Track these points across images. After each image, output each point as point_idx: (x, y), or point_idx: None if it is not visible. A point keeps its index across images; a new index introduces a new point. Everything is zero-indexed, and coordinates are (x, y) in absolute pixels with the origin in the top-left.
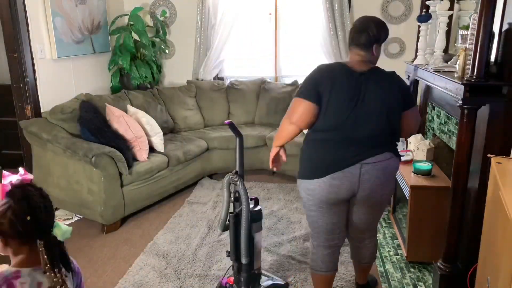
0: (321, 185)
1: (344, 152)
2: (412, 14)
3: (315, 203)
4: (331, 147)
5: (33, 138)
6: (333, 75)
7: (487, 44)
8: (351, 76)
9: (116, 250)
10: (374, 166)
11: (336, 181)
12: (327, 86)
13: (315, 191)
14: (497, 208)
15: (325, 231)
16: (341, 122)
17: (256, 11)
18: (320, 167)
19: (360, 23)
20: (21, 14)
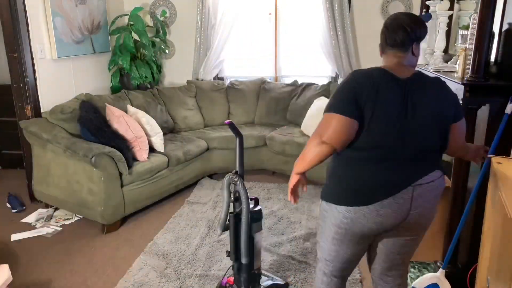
0: (366, 215)
1: (394, 174)
2: None
3: (347, 234)
4: (377, 168)
5: (33, 138)
6: (375, 83)
7: (487, 44)
8: (396, 83)
9: (116, 250)
10: (427, 188)
11: (384, 210)
12: (369, 97)
13: (355, 220)
14: (497, 208)
15: (343, 261)
16: (390, 138)
17: (256, 11)
18: (366, 192)
19: (393, 20)
20: (21, 14)
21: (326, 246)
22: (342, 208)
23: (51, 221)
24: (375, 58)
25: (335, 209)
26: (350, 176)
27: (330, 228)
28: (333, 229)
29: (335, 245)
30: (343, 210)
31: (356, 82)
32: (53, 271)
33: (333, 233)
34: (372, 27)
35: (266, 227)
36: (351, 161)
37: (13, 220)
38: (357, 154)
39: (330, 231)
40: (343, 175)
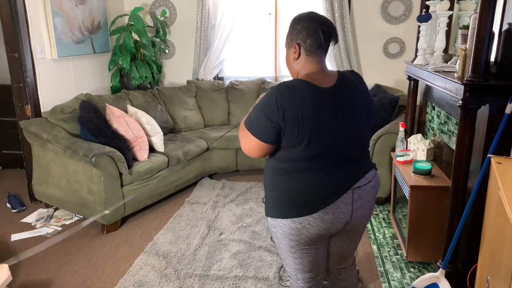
0: (311, 223)
1: (334, 181)
2: (412, 14)
3: (300, 243)
4: (316, 176)
5: (33, 138)
6: (301, 102)
7: (487, 44)
8: (323, 96)
9: (116, 250)
10: (365, 189)
11: (328, 215)
12: (300, 117)
13: (302, 231)
14: (497, 208)
15: (310, 269)
16: (326, 148)
17: (256, 11)
18: (308, 202)
19: (311, 21)
20: (21, 14)
21: (288, 261)
22: (288, 221)
23: (51, 221)
24: (375, 58)
25: (280, 223)
26: (290, 189)
27: (283, 242)
28: (285, 242)
29: (295, 257)
30: (289, 223)
31: (280, 105)
32: (53, 271)
33: (288, 246)
34: (372, 27)
35: (266, 227)
36: (289, 174)
37: (13, 220)
38: (294, 166)
39: (285, 245)
40: (282, 187)
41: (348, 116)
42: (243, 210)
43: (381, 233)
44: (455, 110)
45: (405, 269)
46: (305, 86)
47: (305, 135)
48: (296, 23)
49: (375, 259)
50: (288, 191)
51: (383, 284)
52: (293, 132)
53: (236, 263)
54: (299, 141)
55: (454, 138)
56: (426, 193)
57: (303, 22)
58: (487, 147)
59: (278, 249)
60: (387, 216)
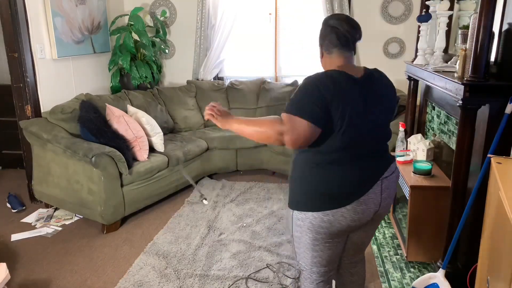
0: (344, 215)
1: (365, 171)
2: (412, 14)
3: (326, 236)
4: (348, 168)
5: (33, 138)
6: (339, 86)
7: (487, 44)
8: (355, 83)
9: (116, 250)
10: (391, 179)
11: (362, 206)
12: (340, 103)
13: (334, 223)
14: (497, 208)
15: (326, 263)
16: (357, 138)
17: (256, 11)
18: (342, 194)
19: (339, 21)
20: (21, 14)
21: (307, 254)
22: (319, 214)
23: (51, 221)
24: (375, 58)
25: (311, 216)
26: (323, 181)
27: (308, 235)
28: (311, 235)
29: (316, 251)
30: (321, 215)
31: (322, 87)
32: (53, 271)
33: (312, 240)
34: (372, 27)
35: (266, 227)
36: (322, 166)
37: (13, 220)
38: (326, 158)
39: (308, 238)
40: (314, 180)
41: (376, 107)
42: (243, 210)
43: (381, 233)
44: (455, 110)
45: (405, 269)
46: (340, 74)
47: (344, 120)
48: (321, 27)
49: (375, 259)
50: (322, 184)
51: (383, 284)
52: (334, 116)
53: (236, 263)
54: (337, 127)
55: (454, 138)
56: (426, 193)
57: (323, 25)
58: (487, 147)
59: (295, 243)
60: (387, 216)
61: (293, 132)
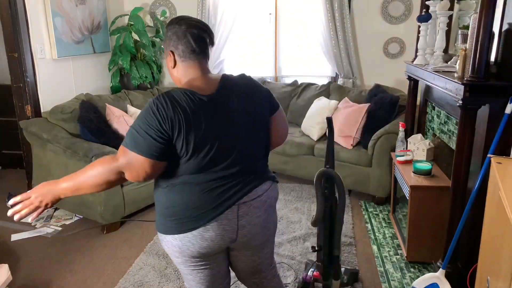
0: (191, 240)
1: (217, 195)
2: (412, 14)
3: (185, 260)
4: (200, 190)
5: (33, 138)
6: (184, 111)
7: (487, 44)
8: (205, 104)
9: (116, 250)
10: (252, 205)
11: (209, 233)
12: (182, 129)
13: (183, 247)
14: (497, 208)
15: (211, 285)
16: (211, 160)
17: (256, 11)
18: (189, 218)
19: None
20: (21, 14)
21: (184, 277)
22: (169, 237)
23: (51, 221)
24: (375, 58)
25: (164, 239)
26: (178, 203)
27: (171, 254)
28: (172, 255)
29: (186, 273)
30: (170, 239)
31: (160, 113)
32: (53, 271)
33: (176, 263)
34: (372, 27)
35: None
36: (170, 188)
37: (13, 220)
38: (175, 180)
39: (173, 258)
40: (171, 203)
41: (235, 124)
42: None
43: (381, 233)
44: (455, 110)
45: (405, 269)
46: (184, 96)
47: (189, 147)
48: (168, 29)
49: (375, 259)
50: (170, 206)
51: (383, 284)
52: (177, 144)
53: None
54: (182, 154)
55: (454, 138)
56: (426, 193)
57: (172, 27)
58: (487, 147)
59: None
60: (387, 216)
61: (131, 169)
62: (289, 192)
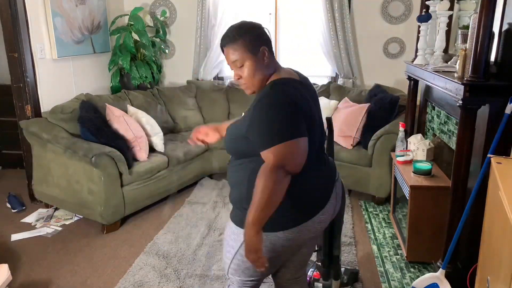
0: (309, 228)
1: (324, 177)
2: (412, 14)
3: (284, 252)
4: (314, 175)
5: (33, 138)
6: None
7: (487, 44)
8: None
9: (116, 250)
10: (337, 186)
11: (324, 215)
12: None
13: (298, 238)
14: (497, 208)
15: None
16: (318, 142)
17: (256, 11)
18: (308, 205)
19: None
20: (21, 14)
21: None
22: (282, 234)
23: (51, 221)
24: (375, 58)
25: (273, 236)
26: (294, 193)
27: (272, 252)
28: (274, 252)
29: (272, 263)
30: (283, 235)
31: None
32: (53, 271)
33: (273, 256)
34: (372, 27)
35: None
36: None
37: (13, 220)
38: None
39: (271, 255)
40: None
41: (318, 111)
42: None
43: (381, 233)
44: (455, 110)
45: (405, 269)
46: (296, 82)
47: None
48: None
49: (375, 259)
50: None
51: (383, 284)
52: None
53: None
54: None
55: (454, 138)
56: (426, 193)
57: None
58: (487, 147)
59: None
60: (387, 216)
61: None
62: None
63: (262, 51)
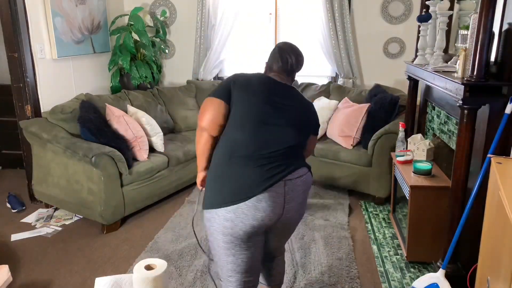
0: (245, 211)
1: (267, 168)
2: (412, 14)
3: (234, 238)
4: (251, 163)
5: (33, 138)
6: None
7: (487, 44)
8: (273, 83)
9: (116, 250)
10: (295, 183)
11: (262, 204)
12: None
13: (236, 220)
14: (497, 208)
15: (243, 270)
16: (259, 124)
17: (256, 11)
18: (242, 189)
19: (289, 47)
20: (21, 14)
21: (222, 260)
22: (222, 211)
23: (51, 221)
24: (375, 58)
25: (215, 214)
26: (225, 177)
27: (218, 238)
28: (220, 238)
29: (228, 256)
30: (223, 213)
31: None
32: (53, 271)
33: (222, 243)
34: (372, 27)
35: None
36: (224, 162)
37: (13, 220)
38: (232, 150)
39: (219, 242)
40: (219, 177)
41: (291, 111)
42: None
43: (381, 233)
44: (455, 110)
45: (405, 269)
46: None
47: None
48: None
49: (375, 259)
50: (224, 179)
51: (383, 284)
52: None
53: None
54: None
55: (454, 138)
56: (426, 193)
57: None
58: (487, 147)
59: (212, 249)
60: (387, 216)
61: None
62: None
63: (267, 63)
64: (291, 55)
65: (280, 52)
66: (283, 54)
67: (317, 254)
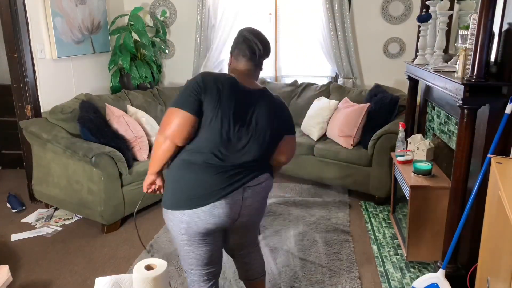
0: (200, 216)
1: (227, 176)
2: (412, 14)
3: (190, 236)
4: (212, 170)
5: (33, 138)
6: (221, 86)
7: (487, 44)
8: (242, 92)
9: (116, 250)
10: (255, 190)
11: (217, 210)
12: (213, 97)
13: (191, 223)
14: (497, 208)
15: (203, 263)
16: (226, 141)
17: (256, 11)
18: (200, 195)
19: (254, 34)
20: (21, 14)
21: (182, 255)
22: (177, 213)
23: (51, 221)
24: (375, 58)
25: (171, 215)
26: (189, 180)
27: (176, 236)
28: (178, 236)
29: (188, 252)
30: (179, 215)
31: (202, 81)
32: (53, 271)
33: (180, 241)
34: (372, 27)
35: (265, 225)
36: (190, 165)
37: (13, 220)
38: (195, 157)
39: (177, 239)
40: (180, 179)
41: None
42: None
43: (381, 233)
44: (455, 110)
45: (405, 269)
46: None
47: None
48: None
49: (375, 259)
50: (184, 182)
51: (383, 284)
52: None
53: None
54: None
55: (454, 138)
56: (426, 193)
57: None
58: (487, 147)
59: (174, 244)
60: (387, 216)
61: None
62: (289, 191)
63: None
64: (258, 44)
65: (247, 42)
66: (250, 44)
67: (317, 254)
